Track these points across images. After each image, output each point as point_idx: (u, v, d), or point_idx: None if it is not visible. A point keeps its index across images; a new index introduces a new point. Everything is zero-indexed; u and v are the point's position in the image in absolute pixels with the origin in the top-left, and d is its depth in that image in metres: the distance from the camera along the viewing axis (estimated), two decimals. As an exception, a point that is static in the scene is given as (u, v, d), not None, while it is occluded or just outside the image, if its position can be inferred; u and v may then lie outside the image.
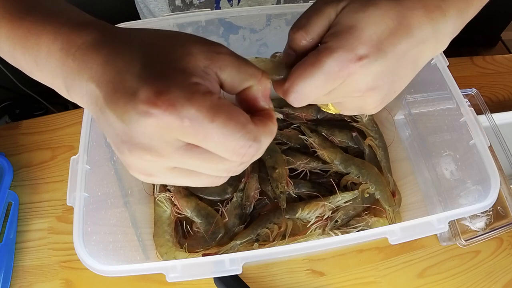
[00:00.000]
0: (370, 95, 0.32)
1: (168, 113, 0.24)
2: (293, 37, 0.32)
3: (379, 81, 0.31)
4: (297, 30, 0.32)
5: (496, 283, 0.59)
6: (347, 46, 0.29)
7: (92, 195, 0.45)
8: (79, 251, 0.40)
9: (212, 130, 0.25)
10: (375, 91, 0.31)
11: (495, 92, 0.78)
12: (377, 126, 0.68)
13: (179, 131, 0.24)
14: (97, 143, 0.49)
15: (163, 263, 0.40)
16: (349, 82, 0.31)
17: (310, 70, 0.30)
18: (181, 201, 0.59)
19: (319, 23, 0.31)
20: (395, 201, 0.61)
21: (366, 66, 0.30)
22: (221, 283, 0.55)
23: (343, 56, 0.29)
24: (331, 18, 0.31)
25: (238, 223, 0.59)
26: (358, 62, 0.29)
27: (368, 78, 0.30)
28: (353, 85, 0.31)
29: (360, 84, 0.31)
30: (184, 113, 0.24)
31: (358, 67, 0.29)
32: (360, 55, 0.29)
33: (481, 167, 0.46)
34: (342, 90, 0.31)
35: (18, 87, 1.17)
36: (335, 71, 0.30)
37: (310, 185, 0.63)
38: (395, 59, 0.31)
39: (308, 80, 0.30)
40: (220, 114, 0.25)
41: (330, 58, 0.29)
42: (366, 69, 0.30)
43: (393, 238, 0.41)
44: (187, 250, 0.57)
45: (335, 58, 0.29)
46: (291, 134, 0.67)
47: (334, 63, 0.29)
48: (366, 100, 0.33)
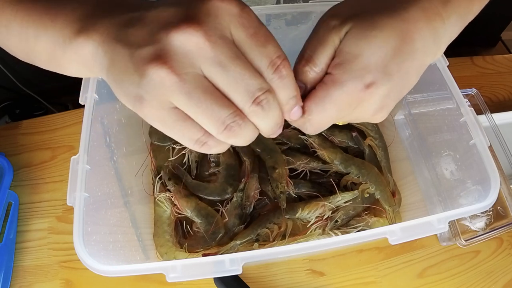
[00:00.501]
0: (378, 113, 0.33)
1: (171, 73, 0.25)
2: (302, 71, 0.32)
3: (387, 100, 0.32)
4: (306, 64, 0.32)
5: (496, 283, 0.59)
6: (354, 77, 0.30)
7: (92, 195, 0.45)
8: (79, 251, 0.40)
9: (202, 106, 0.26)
10: (382, 109, 0.32)
11: (495, 92, 0.78)
12: (377, 126, 0.68)
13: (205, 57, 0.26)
14: (97, 143, 0.49)
15: (163, 263, 0.40)
16: (360, 108, 0.32)
17: (321, 105, 0.31)
18: (181, 201, 0.59)
19: (326, 53, 0.32)
20: (395, 201, 0.61)
21: (375, 92, 0.30)
22: (221, 283, 0.55)
23: (352, 88, 0.30)
24: (336, 44, 0.32)
25: (238, 223, 0.59)
26: (367, 90, 0.30)
27: (377, 102, 0.31)
28: (363, 109, 0.32)
29: (370, 108, 0.32)
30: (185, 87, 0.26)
31: (367, 95, 0.30)
32: (367, 83, 0.30)
33: (481, 167, 0.46)
34: (353, 115, 0.32)
35: (18, 87, 1.17)
36: (345, 101, 0.31)
37: (310, 185, 0.63)
38: (401, 78, 0.31)
39: (321, 113, 0.31)
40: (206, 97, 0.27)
41: (340, 91, 0.30)
42: (374, 95, 0.31)
43: (393, 238, 0.41)
44: (187, 250, 0.57)
45: (344, 90, 0.30)
46: (291, 134, 0.67)
47: (344, 95, 0.30)
48: (375, 117, 0.33)
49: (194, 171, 0.64)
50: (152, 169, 0.64)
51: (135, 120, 0.63)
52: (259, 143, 0.64)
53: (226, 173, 0.62)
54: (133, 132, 0.65)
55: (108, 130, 0.54)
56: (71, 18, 0.30)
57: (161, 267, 0.40)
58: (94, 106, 0.49)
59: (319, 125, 0.32)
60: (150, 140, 0.66)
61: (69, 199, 0.43)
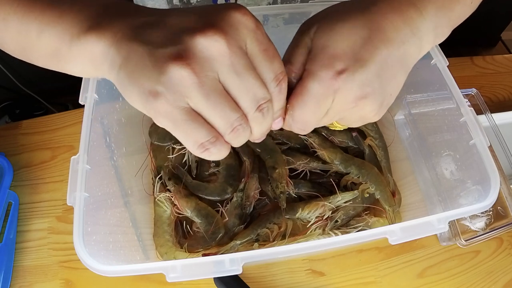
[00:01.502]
0: (364, 103, 0.33)
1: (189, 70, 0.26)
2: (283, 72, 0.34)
3: (367, 89, 0.32)
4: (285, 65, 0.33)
5: (496, 283, 0.59)
6: (324, 66, 0.31)
7: (92, 195, 0.45)
8: (79, 251, 0.40)
9: None
10: (367, 99, 0.32)
11: (495, 92, 0.78)
12: (377, 126, 0.68)
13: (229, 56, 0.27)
14: (97, 143, 0.49)
15: (163, 263, 0.40)
16: (339, 98, 0.32)
17: (300, 99, 0.32)
18: (181, 201, 0.59)
19: (299, 52, 0.33)
20: (395, 201, 0.61)
21: (348, 78, 0.31)
22: (221, 283, 0.55)
23: (323, 76, 0.31)
24: (309, 45, 0.33)
25: (238, 223, 0.59)
26: (339, 77, 0.30)
27: (354, 89, 0.31)
28: (343, 99, 0.32)
29: (349, 96, 0.32)
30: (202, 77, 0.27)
31: (341, 82, 0.31)
32: (338, 70, 0.30)
33: (481, 167, 0.46)
34: (336, 107, 0.32)
35: (18, 87, 1.17)
36: (322, 92, 0.31)
37: (310, 185, 0.63)
38: (378, 65, 0.31)
39: (302, 108, 0.32)
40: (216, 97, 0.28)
41: (313, 82, 0.31)
42: (349, 81, 0.31)
43: (393, 238, 0.41)
44: (187, 250, 0.57)
45: (317, 80, 0.31)
46: (291, 134, 0.67)
47: (318, 85, 0.31)
48: (363, 109, 0.33)
49: (194, 171, 0.64)
50: (152, 169, 0.64)
51: (135, 120, 0.64)
52: (259, 143, 0.64)
53: (226, 173, 0.62)
54: (133, 132, 0.65)
55: (108, 130, 0.54)
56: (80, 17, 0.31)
57: (161, 267, 0.40)
58: (94, 106, 0.49)
59: (303, 122, 0.33)
60: (150, 140, 0.66)
61: (69, 199, 0.43)
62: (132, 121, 0.62)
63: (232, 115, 0.28)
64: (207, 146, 0.29)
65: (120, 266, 0.39)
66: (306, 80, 0.31)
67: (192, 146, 0.30)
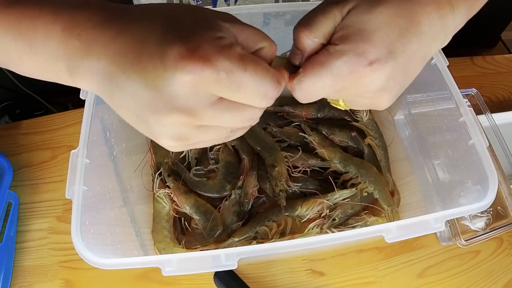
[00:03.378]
0: (381, 95, 0.32)
1: (206, 67, 0.24)
2: (297, 35, 0.32)
3: (390, 82, 0.31)
4: (302, 29, 0.31)
5: (496, 283, 0.59)
6: (358, 50, 0.29)
7: (91, 189, 0.45)
8: (76, 244, 0.40)
9: (246, 79, 0.26)
10: (386, 91, 0.31)
11: (495, 92, 0.78)
12: (377, 125, 0.68)
13: (215, 85, 0.25)
14: (97, 138, 0.49)
15: (159, 257, 0.40)
16: (359, 84, 0.30)
17: (318, 69, 0.30)
18: (180, 197, 0.60)
19: (324, 23, 0.31)
20: (394, 201, 0.61)
21: (377, 69, 0.29)
22: (220, 283, 0.55)
23: (353, 60, 0.29)
24: (337, 20, 0.31)
25: (236, 220, 0.59)
26: (369, 66, 0.29)
27: (380, 81, 0.30)
28: (364, 86, 0.31)
29: (371, 86, 0.31)
30: (219, 66, 0.25)
31: (369, 71, 0.29)
32: (371, 59, 0.29)
33: (480, 168, 0.46)
34: (353, 90, 0.31)
35: (18, 87, 1.17)
36: (345, 74, 0.29)
37: (317, 183, 0.63)
38: (406, 59, 0.30)
39: (317, 79, 0.30)
40: (249, 62, 0.26)
41: (340, 61, 0.29)
42: (377, 72, 0.30)
43: (390, 236, 0.41)
44: (185, 246, 0.57)
45: (345, 61, 0.29)
46: (291, 132, 0.67)
47: (345, 65, 0.29)
48: (377, 99, 0.32)
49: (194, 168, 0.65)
50: (152, 166, 0.65)
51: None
52: (258, 141, 0.64)
53: (225, 170, 0.62)
54: (134, 129, 0.64)
55: (108, 125, 0.55)
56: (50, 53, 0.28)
57: (157, 261, 0.40)
58: (95, 101, 0.49)
59: (311, 92, 0.31)
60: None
61: (68, 192, 0.43)
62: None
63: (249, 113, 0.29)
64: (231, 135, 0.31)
65: (116, 260, 0.39)
66: (332, 56, 0.29)
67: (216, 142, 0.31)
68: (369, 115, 0.67)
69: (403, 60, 0.30)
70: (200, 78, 0.24)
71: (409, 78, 0.32)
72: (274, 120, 0.69)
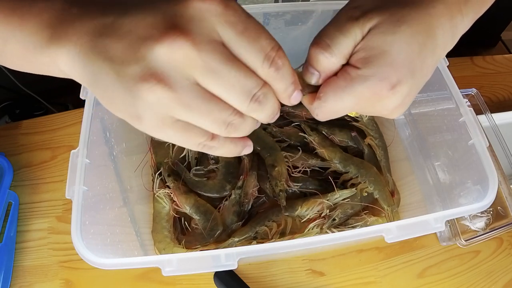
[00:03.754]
0: (397, 110, 0.32)
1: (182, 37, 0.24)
2: (316, 58, 0.31)
3: (408, 98, 0.31)
4: (320, 50, 0.30)
5: (496, 283, 0.59)
6: (381, 75, 0.29)
7: (91, 189, 0.45)
8: (76, 244, 0.40)
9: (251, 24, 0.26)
10: (401, 106, 0.32)
11: (495, 92, 0.78)
12: (377, 125, 0.68)
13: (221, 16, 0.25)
14: (97, 137, 0.49)
15: (159, 257, 0.40)
16: (378, 104, 0.31)
17: (340, 94, 0.30)
18: (180, 197, 0.60)
19: (344, 43, 0.30)
20: (394, 201, 0.61)
21: (398, 91, 0.30)
22: (220, 283, 0.55)
23: (377, 85, 0.29)
24: (357, 39, 0.30)
25: (236, 220, 0.59)
26: (391, 90, 0.29)
27: (398, 100, 0.31)
28: (382, 106, 0.31)
29: (390, 105, 0.31)
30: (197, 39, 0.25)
31: (391, 94, 0.30)
32: (393, 83, 0.29)
33: (480, 168, 0.46)
34: (371, 108, 0.32)
35: (18, 87, 1.17)
36: (366, 97, 0.30)
37: (317, 183, 0.63)
38: (422, 74, 0.31)
39: (338, 103, 0.30)
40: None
41: (363, 86, 0.29)
42: (398, 93, 0.30)
43: (389, 236, 0.41)
44: (185, 246, 0.57)
45: (368, 86, 0.29)
46: (291, 132, 0.67)
47: (367, 91, 0.29)
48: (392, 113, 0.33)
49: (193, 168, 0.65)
50: (152, 166, 0.65)
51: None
52: (258, 141, 0.64)
53: (225, 170, 0.62)
54: (133, 128, 0.64)
55: (108, 125, 0.55)
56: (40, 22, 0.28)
57: (157, 261, 0.40)
58: (95, 101, 0.49)
59: (331, 113, 0.31)
60: (150, 136, 0.67)
61: (68, 192, 0.43)
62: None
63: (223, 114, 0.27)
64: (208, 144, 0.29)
65: (116, 260, 0.39)
66: (355, 81, 0.29)
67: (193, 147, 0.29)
68: (369, 115, 0.67)
69: (420, 77, 0.31)
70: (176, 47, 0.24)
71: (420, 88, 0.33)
72: (274, 120, 0.69)
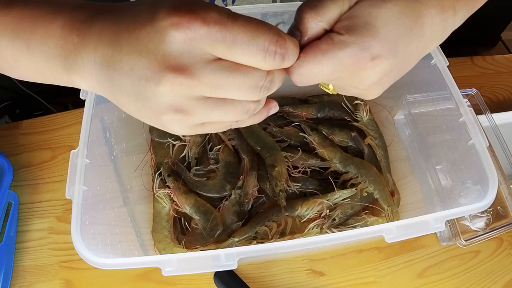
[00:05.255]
0: (374, 88, 0.32)
1: (193, 19, 0.24)
2: (301, 16, 0.31)
3: (385, 77, 0.31)
4: (307, 10, 0.30)
5: (496, 283, 0.59)
6: (362, 43, 0.29)
7: (91, 189, 0.45)
8: (76, 244, 0.40)
9: (239, 30, 0.25)
10: (379, 85, 0.32)
11: (495, 92, 0.78)
12: (377, 125, 0.68)
13: (207, 39, 0.25)
14: (97, 138, 0.49)
15: (159, 257, 0.40)
16: (356, 76, 0.31)
17: (320, 57, 0.29)
18: (180, 197, 0.60)
19: (331, 9, 0.30)
20: (394, 201, 0.61)
21: (377, 65, 0.30)
22: (220, 283, 0.55)
23: (357, 53, 0.29)
24: (344, 8, 0.30)
25: (236, 220, 0.59)
26: (370, 61, 0.29)
27: (376, 76, 0.31)
28: (360, 79, 0.31)
29: (367, 79, 0.31)
30: (208, 18, 0.24)
31: (369, 66, 0.30)
32: (374, 55, 0.29)
33: (480, 168, 0.46)
34: (348, 80, 0.32)
35: (18, 87, 1.17)
36: (346, 65, 0.29)
37: (317, 183, 0.63)
38: (404, 58, 0.31)
39: (317, 66, 0.30)
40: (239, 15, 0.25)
41: (343, 52, 0.29)
42: (376, 68, 0.30)
43: (389, 236, 0.41)
44: (185, 246, 0.57)
45: (349, 52, 0.29)
46: (291, 132, 0.67)
47: (347, 57, 0.29)
48: (368, 91, 0.33)
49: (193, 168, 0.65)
50: (152, 166, 0.65)
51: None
52: (258, 141, 0.64)
53: (225, 170, 0.62)
54: (134, 129, 0.65)
55: (108, 125, 0.55)
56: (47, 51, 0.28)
57: (157, 261, 0.40)
58: (95, 101, 0.49)
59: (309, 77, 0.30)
60: (150, 136, 0.67)
61: (68, 192, 0.43)
62: (133, 117, 0.62)
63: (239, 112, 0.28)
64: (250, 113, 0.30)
65: (116, 260, 0.39)
66: (336, 46, 0.29)
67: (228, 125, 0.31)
68: (369, 115, 0.67)
69: (401, 59, 0.31)
70: (190, 32, 0.24)
71: (401, 74, 0.33)
72: (274, 120, 0.69)
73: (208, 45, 0.25)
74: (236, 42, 0.25)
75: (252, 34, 0.25)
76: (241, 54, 0.26)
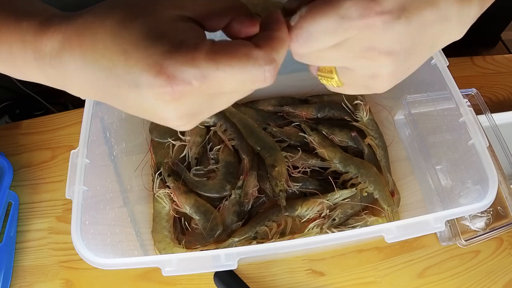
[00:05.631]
0: (383, 60, 0.28)
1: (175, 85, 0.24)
2: None
3: (398, 45, 0.27)
4: None
5: (496, 283, 0.59)
6: None
7: (91, 189, 0.45)
8: (76, 244, 0.40)
9: (223, 76, 0.24)
10: (391, 56, 0.28)
11: (495, 92, 0.78)
12: (377, 125, 0.68)
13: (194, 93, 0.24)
14: (97, 138, 0.49)
15: (159, 257, 0.40)
16: (365, 36, 0.26)
17: (323, 7, 0.26)
18: (180, 197, 0.60)
19: None
20: (394, 201, 0.61)
21: (389, 23, 0.26)
22: (220, 283, 0.55)
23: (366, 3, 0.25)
24: None
25: (236, 220, 0.59)
26: (381, 16, 0.25)
27: (388, 37, 0.26)
28: (369, 40, 0.27)
29: (378, 41, 0.27)
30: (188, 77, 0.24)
31: (379, 21, 0.25)
32: (384, 9, 0.25)
33: (480, 168, 0.46)
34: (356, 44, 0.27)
35: (18, 87, 1.17)
36: (353, 17, 0.25)
37: (317, 183, 0.63)
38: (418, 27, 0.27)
39: (319, 18, 0.26)
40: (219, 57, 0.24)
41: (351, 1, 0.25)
42: (387, 26, 0.26)
43: (389, 236, 0.41)
44: (185, 246, 0.57)
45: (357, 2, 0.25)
46: (291, 132, 0.67)
47: (355, 7, 0.25)
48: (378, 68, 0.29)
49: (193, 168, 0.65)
50: (152, 166, 0.65)
51: (135, 116, 0.64)
52: (258, 141, 0.64)
53: (225, 170, 0.63)
54: (134, 129, 0.65)
55: (108, 125, 0.55)
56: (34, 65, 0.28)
57: (157, 261, 0.40)
58: (95, 101, 0.49)
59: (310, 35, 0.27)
60: (150, 136, 0.67)
61: (68, 192, 0.43)
62: (133, 117, 0.62)
63: None
64: None
65: (116, 260, 0.39)
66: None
67: None
68: (369, 115, 0.67)
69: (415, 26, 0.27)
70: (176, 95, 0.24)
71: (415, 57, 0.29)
72: (274, 120, 0.69)
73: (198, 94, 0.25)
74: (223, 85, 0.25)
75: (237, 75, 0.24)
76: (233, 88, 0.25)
